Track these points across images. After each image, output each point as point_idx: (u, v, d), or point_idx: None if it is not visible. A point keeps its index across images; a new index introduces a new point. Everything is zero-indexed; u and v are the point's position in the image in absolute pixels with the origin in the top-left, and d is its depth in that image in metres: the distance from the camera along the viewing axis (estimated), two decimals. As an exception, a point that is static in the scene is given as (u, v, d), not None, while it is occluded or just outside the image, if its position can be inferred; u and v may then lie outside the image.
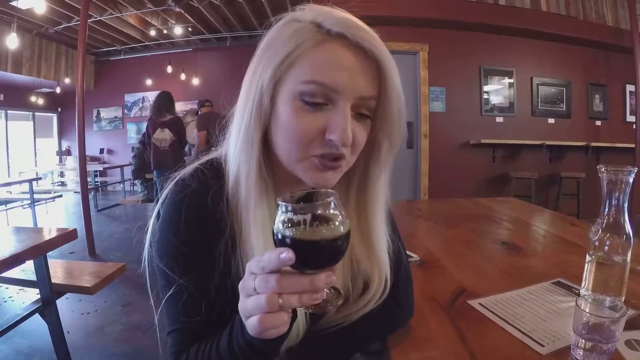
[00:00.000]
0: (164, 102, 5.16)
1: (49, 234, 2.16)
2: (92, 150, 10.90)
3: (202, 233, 0.75)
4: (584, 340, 0.78)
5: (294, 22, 0.70)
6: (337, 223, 0.55)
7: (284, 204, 0.54)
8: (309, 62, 0.67)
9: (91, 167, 9.05)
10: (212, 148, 0.87)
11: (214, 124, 0.84)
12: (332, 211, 0.55)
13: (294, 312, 0.60)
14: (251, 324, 0.57)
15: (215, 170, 0.79)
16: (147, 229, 0.81)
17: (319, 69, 0.67)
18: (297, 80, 0.68)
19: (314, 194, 0.61)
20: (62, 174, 11.25)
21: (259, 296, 0.55)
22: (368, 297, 0.84)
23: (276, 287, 0.53)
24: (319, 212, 0.54)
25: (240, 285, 0.59)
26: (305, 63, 0.67)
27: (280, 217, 0.55)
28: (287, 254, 0.52)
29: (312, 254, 0.54)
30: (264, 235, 0.72)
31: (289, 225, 0.54)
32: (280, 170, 0.77)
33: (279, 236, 0.55)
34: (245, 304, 0.57)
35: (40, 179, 9.03)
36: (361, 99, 0.69)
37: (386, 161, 0.80)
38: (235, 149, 0.75)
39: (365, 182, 0.82)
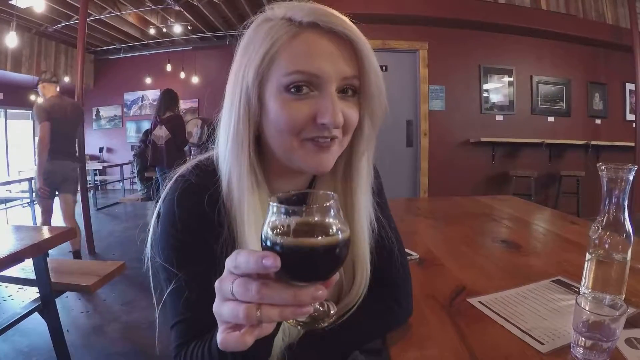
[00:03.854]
0: (164, 100, 5.20)
1: (48, 232, 2.16)
2: (91, 148, 10.89)
3: (200, 225, 0.76)
4: (584, 339, 0.78)
5: (267, 22, 0.73)
6: (333, 229, 0.48)
7: (274, 204, 0.49)
8: (288, 55, 0.70)
9: (90, 165, 9.04)
10: (211, 146, 0.87)
11: (63, 112, 0.80)
12: (329, 217, 0.49)
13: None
14: (217, 337, 0.53)
15: (212, 169, 0.80)
16: (149, 227, 0.82)
17: (298, 59, 0.69)
18: (279, 74, 0.70)
19: (310, 195, 0.57)
20: (61, 173, 11.23)
21: (237, 306, 0.49)
22: (357, 284, 0.84)
23: (256, 296, 0.47)
24: (315, 217, 0.48)
25: (217, 284, 0.53)
26: (285, 57, 0.70)
27: (269, 218, 0.49)
28: (271, 261, 0.45)
29: (300, 263, 0.47)
30: (258, 235, 0.73)
31: (278, 228, 0.48)
32: (274, 166, 0.80)
33: (264, 239, 0.49)
34: (221, 309, 0.51)
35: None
36: (344, 80, 0.72)
37: (369, 139, 0.82)
38: (226, 152, 0.77)
39: (350, 161, 0.83)
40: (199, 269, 0.75)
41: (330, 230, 0.48)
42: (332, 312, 0.56)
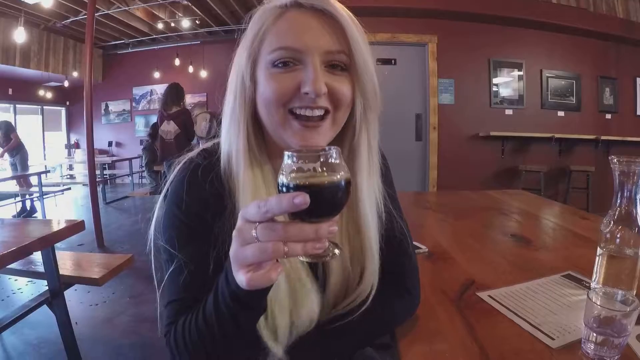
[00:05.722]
0: (170, 95, 5.20)
1: (57, 225, 2.17)
2: (100, 143, 10.97)
3: (204, 207, 0.78)
4: (595, 334, 0.77)
5: (261, 9, 0.79)
6: (341, 172, 0.56)
7: (289, 153, 0.55)
8: (274, 34, 0.75)
9: (100, 159, 9.08)
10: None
11: None
12: (334, 160, 0.56)
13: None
14: (240, 279, 0.58)
15: (216, 152, 0.83)
16: (154, 212, 0.84)
17: (282, 36, 0.74)
18: (266, 52, 0.75)
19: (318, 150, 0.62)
20: (70, 167, 11.32)
21: (263, 245, 0.53)
22: (368, 274, 0.84)
23: (283, 235, 0.53)
24: (322, 160, 0.55)
25: (235, 232, 0.57)
26: (271, 36, 0.75)
27: (285, 165, 0.55)
28: (301, 198, 0.50)
29: (317, 200, 0.53)
30: None
31: (295, 172, 0.54)
32: (273, 146, 0.82)
33: (282, 185, 0.55)
34: (244, 252, 0.55)
35: (49, 172, 9.03)
36: (328, 54, 0.74)
37: (366, 118, 0.82)
38: (225, 131, 0.81)
39: (351, 144, 0.84)
40: (198, 251, 0.77)
41: (336, 172, 0.56)
42: (336, 250, 0.61)
